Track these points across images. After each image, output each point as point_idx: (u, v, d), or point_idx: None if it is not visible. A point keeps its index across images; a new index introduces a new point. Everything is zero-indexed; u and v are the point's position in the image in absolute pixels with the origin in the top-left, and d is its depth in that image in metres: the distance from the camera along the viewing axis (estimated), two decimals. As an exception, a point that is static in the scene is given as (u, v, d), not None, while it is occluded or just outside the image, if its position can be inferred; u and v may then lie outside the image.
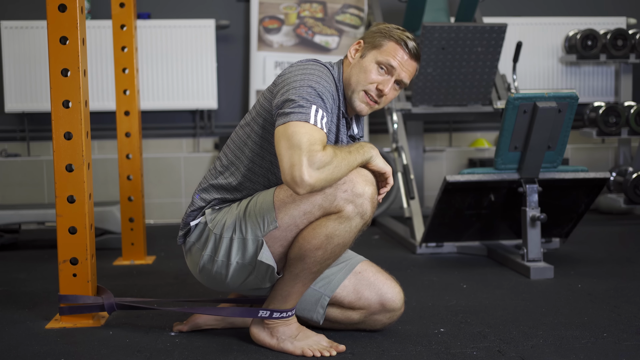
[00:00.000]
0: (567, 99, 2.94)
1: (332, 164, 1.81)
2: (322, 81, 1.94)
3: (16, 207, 3.79)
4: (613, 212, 4.56)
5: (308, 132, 1.80)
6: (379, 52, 2.06)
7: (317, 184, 1.79)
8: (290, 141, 1.79)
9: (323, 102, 1.90)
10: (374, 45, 2.07)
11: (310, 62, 2.02)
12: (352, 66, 2.09)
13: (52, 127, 2.27)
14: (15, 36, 4.37)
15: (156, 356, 2.01)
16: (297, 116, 1.83)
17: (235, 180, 2.07)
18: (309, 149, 1.77)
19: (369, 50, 2.07)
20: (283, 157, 1.80)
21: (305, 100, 1.86)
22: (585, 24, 4.74)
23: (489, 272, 3.05)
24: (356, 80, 2.06)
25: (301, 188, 1.78)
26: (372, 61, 2.05)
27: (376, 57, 2.05)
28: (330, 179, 1.82)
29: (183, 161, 4.58)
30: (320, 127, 1.84)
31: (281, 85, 1.95)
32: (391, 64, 2.04)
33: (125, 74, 3.25)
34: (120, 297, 2.49)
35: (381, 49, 2.06)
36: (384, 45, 2.06)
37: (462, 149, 4.81)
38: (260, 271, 1.99)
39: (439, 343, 2.10)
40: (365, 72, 2.05)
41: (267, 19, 4.57)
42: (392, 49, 2.05)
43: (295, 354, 2.01)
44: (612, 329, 2.21)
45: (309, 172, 1.77)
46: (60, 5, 2.23)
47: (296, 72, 1.96)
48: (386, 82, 2.06)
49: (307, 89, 1.89)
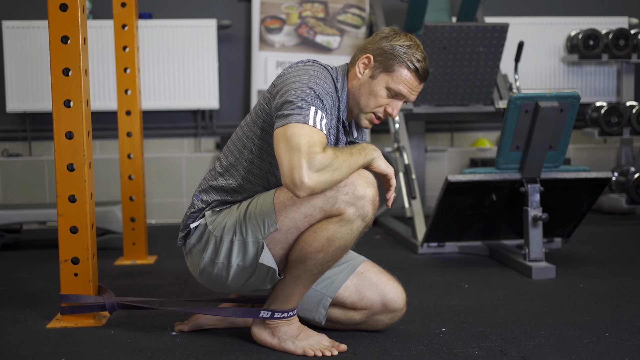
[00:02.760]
0: (569, 99, 2.94)
1: (332, 166, 1.79)
2: (321, 82, 1.93)
3: (18, 207, 3.79)
4: (615, 212, 4.55)
5: (307, 134, 1.79)
6: (390, 78, 2.01)
7: (317, 186, 1.77)
8: (289, 143, 1.78)
9: (322, 103, 1.88)
10: (385, 67, 2.01)
11: (310, 63, 2.00)
12: (360, 84, 2.05)
13: (53, 126, 2.27)
14: (16, 36, 4.37)
15: (157, 356, 2.01)
16: (296, 118, 1.82)
17: (234, 182, 2.06)
18: (309, 151, 1.76)
19: (379, 72, 2.02)
20: (282, 160, 1.78)
21: (304, 102, 1.85)
22: (587, 23, 4.73)
23: (491, 272, 3.05)
24: (365, 103, 2.03)
25: (301, 191, 1.77)
26: (383, 86, 2.02)
27: (387, 82, 2.01)
28: (330, 182, 1.81)
29: (184, 161, 4.57)
30: (320, 128, 1.82)
31: (280, 87, 1.94)
32: (402, 92, 2.02)
33: (126, 73, 3.25)
34: (121, 296, 2.49)
35: (393, 74, 2.01)
36: (396, 72, 2.00)
37: (463, 149, 4.81)
38: (261, 273, 1.99)
39: (441, 343, 2.09)
40: (375, 97, 2.02)
41: (268, 19, 4.57)
42: (405, 77, 2.00)
43: (296, 354, 2.00)
44: (614, 329, 2.20)
45: (309, 174, 1.75)
46: (62, 5, 2.23)
47: (295, 73, 1.95)
48: (395, 106, 2.04)
49: (306, 90, 1.88)
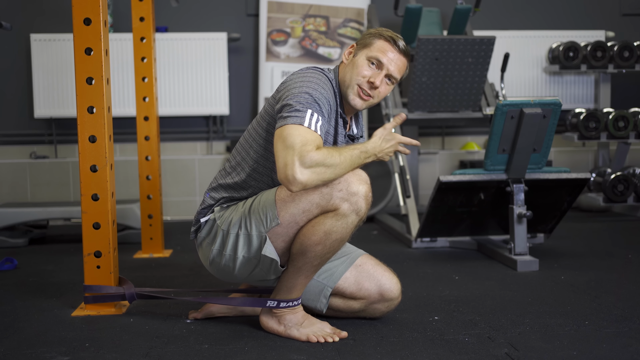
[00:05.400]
0: (551, 106, 2.93)
1: (325, 163, 1.79)
2: (319, 88, 1.93)
3: (44, 205, 3.79)
4: (593, 210, 4.55)
5: (301, 134, 1.80)
6: (369, 50, 2.05)
7: (308, 182, 1.78)
8: (284, 142, 1.79)
9: (319, 107, 1.88)
10: (364, 44, 2.07)
11: (310, 70, 2.01)
12: (345, 66, 2.09)
13: (78, 131, 2.26)
14: (43, 48, 4.37)
15: (173, 341, 2.00)
16: (293, 119, 1.83)
17: (241, 180, 2.07)
18: (301, 149, 1.77)
19: (360, 49, 2.07)
20: (278, 158, 1.80)
21: (302, 105, 1.86)
22: (567, 36, 4.72)
23: (479, 264, 3.04)
24: (350, 77, 2.05)
25: (294, 186, 1.78)
26: (364, 58, 2.05)
27: (367, 54, 2.05)
28: (323, 178, 1.81)
29: (197, 163, 4.57)
30: (315, 129, 1.83)
31: (282, 92, 1.95)
32: (380, 59, 2.03)
33: (144, 82, 3.24)
34: (140, 287, 2.49)
35: (371, 47, 2.05)
36: (374, 44, 2.05)
37: (454, 152, 4.80)
38: (265, 264, 1.99)
39: (434, 330, 2.09)
40: (357, 67, 2.04)
41: (274, 32, 4.57)
42: (381, 46, 2.04)
43: (301, 340, 2.00)
44: (593, 318, 2.19)
45: (301, 170, 1.76)
46: (86, 19, 2.23)
47: (296, 80, 1.96)
48: (376, 76, 2.03)
49: (305, 95, 1.89)
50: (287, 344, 1.98)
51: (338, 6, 4.60)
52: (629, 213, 4.44)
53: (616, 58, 4.45)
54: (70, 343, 2.00)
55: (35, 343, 2.00)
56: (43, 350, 1.93)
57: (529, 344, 1.94)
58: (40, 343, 2.00)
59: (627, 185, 4.21)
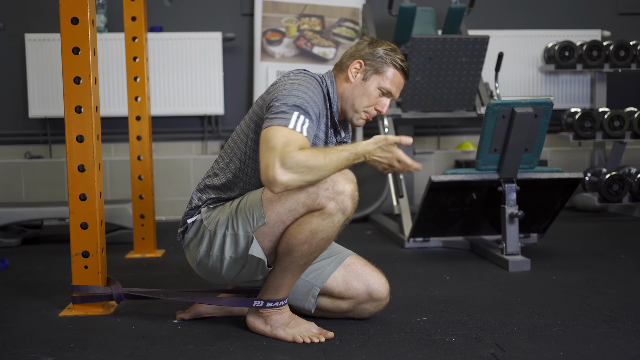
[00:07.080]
0: (542, 105, 2.92)
1: (307, 164, 1.77)
2: (308, 91, 1.92)
3: (38, 205, 3.78)
4: (588, 210, 4.53)
5: (284, 136, 1.78)
6: (381, 79, 2.07)
7: (290, 183, 1.77)
8: (268, 144, 1.78)
9: (307, 110, 1.87)
10: (377, 70, 2.07)
11: (300, 73, 2.00)
12: (353, 87, 2.08)
13: (65, 130, 2.25)
14: (37, 48, 4.36)
15: (159, 342, 1.99)
16: (278, 121, 1.82)
17: (228, 180, 2.06)
18: (282, 150, 1.75)
19: (371, 74, 2.07)
20: (261, 159, 1.79)
21: (288, 107, 1.85)
22: (562, 36, 4.71)
23: (471, 264, 3.03)
24: (360, 103, 2.07)
25: (275, 187, 1.77)
26: (375, 87, 2.07)
27: (379, 83, 2.07)
28: (306, 179, 1.79)
29: (192, 162, 4.56)
30: (300, 131, 1.81)
31: (272, 94, 1.94)
32: (392, 91, 2.08)
33: (136, 82, 3.23)
34: (130, 287, 2.48)
35: (384, 75, 2.07)
36: (387, 73, 2.07)
37: (449, 152, 4.78)
38: (252, 264, 1.97)
39: (421, 330, 2.08)
40: (368, 97, 2.07)
41: (269, 32, 4.56)
42: (395, 78, 2.08)
43: (287, 340, 1.99)
44: (582, 318, 2.18)
45: (281, 172, 1.75)
46: (73, 19, 2.22)
47: (285, 82, 1.95)
48: (385, 104, 2.09)
49: (293, 97, 1.88)
50: (273, 344, 1.97)
51: (333, 6, 4.58)
52: (624, 213, 4.43)
53: (612, 57, 4.44)
54: (56, 343, 1.99)
55: (20, 343, 1.99)
56: (28, 351, 1.92)
57: (515, 345, 1.93)
58: (25, 343, 1.99)
59: (622, 185, 4.20)
